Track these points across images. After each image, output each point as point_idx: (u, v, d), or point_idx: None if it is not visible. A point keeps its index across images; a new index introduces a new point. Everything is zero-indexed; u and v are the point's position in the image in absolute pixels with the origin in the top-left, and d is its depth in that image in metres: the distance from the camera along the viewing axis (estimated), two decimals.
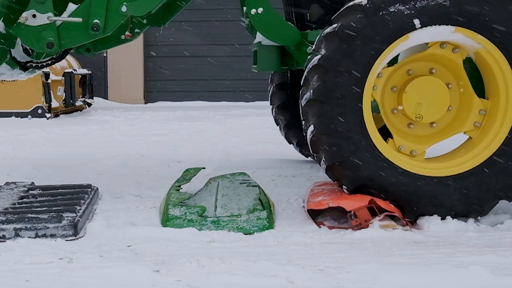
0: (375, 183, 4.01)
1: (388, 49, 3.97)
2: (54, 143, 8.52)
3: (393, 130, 4.28)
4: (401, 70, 4.25)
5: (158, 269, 3.20)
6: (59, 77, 12.47)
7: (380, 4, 3.94)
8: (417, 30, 3.95)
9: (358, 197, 4.03)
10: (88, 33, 4.51)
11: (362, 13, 3.94)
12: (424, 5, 3.93)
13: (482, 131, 4.20)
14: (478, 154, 4.12)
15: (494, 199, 4.08)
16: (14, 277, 3.13)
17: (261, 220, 4.00)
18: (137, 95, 16.71)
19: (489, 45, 4.01)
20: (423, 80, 4.17)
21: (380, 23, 3.93)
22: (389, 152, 4.09)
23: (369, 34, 3.93)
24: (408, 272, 3.12)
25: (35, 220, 3.86)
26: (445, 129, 4.30)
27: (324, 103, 3.97)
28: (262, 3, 4.90)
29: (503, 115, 4.11)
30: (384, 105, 4.28)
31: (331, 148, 4.00)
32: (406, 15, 3.93)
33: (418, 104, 4.15)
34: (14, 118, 11.70)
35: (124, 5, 4.46)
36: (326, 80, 3.96)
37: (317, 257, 3.42)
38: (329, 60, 3.96)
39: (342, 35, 3.95)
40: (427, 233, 3.90)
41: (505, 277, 3.05)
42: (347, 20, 3.97)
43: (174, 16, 5.28)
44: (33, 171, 6.06)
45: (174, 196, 4.51)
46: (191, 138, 8.96)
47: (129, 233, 3.88)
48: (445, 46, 4.16)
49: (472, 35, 3.99)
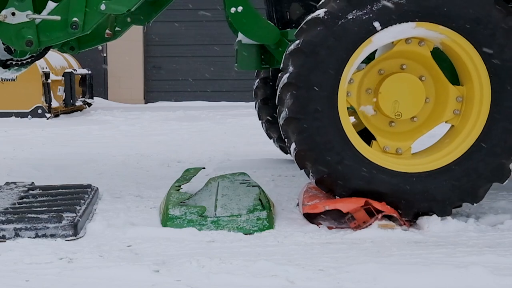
0: (367, 188, 4.02)
1: (353, 56, 4.00)
2: (54, 143, 8.52)
3: (375, 131, 4.28)
4: (373, 71, 4.26)
5: (158, 269, 3.20)
6: (59, 77, 12.47)
7: (338, 14, 3.97)
8: (379, 32, 3.98)
9: (354, 199, 4.03)
10: (67, 31, 4.52)
11: (321, 26, 3.97)
12: (381, 7, 3.96)
13: (463, 118, 4.19)
14: (463, 141, 4.12)
15: (487, 183, 4.08)
16: (14, 277, 3.13)
17: (261, 220, 4.00)
18: (137, 95, 16.71)
19: (452, 34, 4.03)
20: (395, 77, 4.18)
21: (341, 32, 3.96)
22: (374, 155, 4.11)
23: (332, 45, 3.96)
24: (408, 272, 3.12)
25: (35, 220, 3.86)
26: (427, 122, 4.30)
27: (301, 120, 4.00)
28: (242, 2, 4.91)
29: (479, 99, 4.10)
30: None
31: (316, 162, 4.02)
32: (365, 19, 3.96)
33: (395, 102, 4.16)
34: (14, 118, 11.69)
35: (103, 3, 4.46)
36: (299, 96, 3.99)
37: (317, 257, 3.42)
38: (298, 77, 3.99)
39: (306, 50, 3.98)
40: (427, 233, 3.90)
41: (505, 277, 3.05)
42: (309, 35, 4.00)
43: (158, 14, 5.29)
44: (33, 171, 6.06)
45: (174, 196, 4.51)
46: (191, 138, 8.96)
47: (129, 233, 3.88)
48: (410, 41, 4.17)
49: (434, 27, 4.01)
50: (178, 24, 16.37)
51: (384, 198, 4.03)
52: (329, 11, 3.98)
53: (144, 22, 5.28)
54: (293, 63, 4.02)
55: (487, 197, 4.82)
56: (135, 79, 16.71)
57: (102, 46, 5.34)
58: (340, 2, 3.99)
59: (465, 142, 4.12)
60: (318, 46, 3.96)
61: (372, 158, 4.08)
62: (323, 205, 4.05)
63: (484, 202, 4.66)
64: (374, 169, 4.04)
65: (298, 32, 4.07)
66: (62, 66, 13.01)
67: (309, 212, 4.07)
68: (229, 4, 4.93)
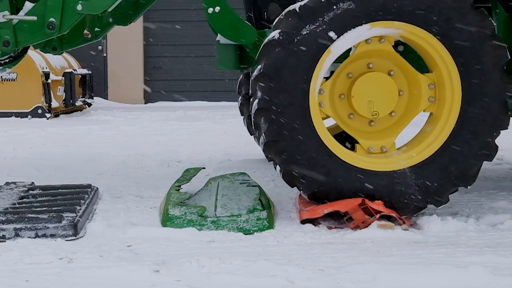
0: (360, 193, 4.04)
1: (316, 69, 4.03)
2: (54, 143, 8.52)
3: (357, 134, 4.29)
4: (341, 76, 4.27)
5: (158, 269, 3.20)
6: (59, 77, 12.47)
7: (292, 32, 4.00)
8: (336, 41, 4.02)
9: (351, 199, 4.04)
10: (44, 32, 4.52)
11: (279, 47, 4.00)
12: (332, 16, 3.98)
13: (439, 104, 4.19)
14: (444, 127, 4.12)
15: (476, 164, 4.08)
16: (14, 277, 3.12)
17: (261, 220, 4.00)
18: (137, 95, 16.71)
19: (408, 27, 4.04)
20: (365, 78, 4.19)
21: (299, 49, 3.99)
22: (359, 160, 4.12)
23: (293, 64, 4.00)
24: (408, 272, 3.12)
25: (35, 220, 3.86)
26: (405, 114, 4.29)
27: (280, 141, 4.03)
28: (219, 2, 4.91)
29: (450, 83, 4.10)
30: (339, 114, 4.29)
31: (305, 180, 4.08)
32: (320, 32, 3.99)
33: (369, 102, 4.17)
34: (14, 118, 11.69)
35: (80, 3, 4.47)
36: (273, 120, 4.02)
37: (317, 257, 3.42)
38: (267, 101, 4.02)
39: (270, 74, 4.01)
40: (427, 233, 3.89)
41: (505, 277, 3.05)
42: (269, 58, 4.03)
43: (140, 14, 5.30)
44: (33, 171, 6.05)
45: (174, 196, 4.51)
46: (191, 138, 8.95)
47: (129, 233, 3.88)
48: (370, 41, 4.18)
49: (388, 24, 4.03)
50: (178, 24, 16.37)
51: (381, 200, 4.05)
52: (283, 31, 4.02)
53: (126, 22, 5.30)
54: (260, 88, 4.06)
55: (487, 197, 4.83)
56: (135, 79, 16.71)
57: (102, 46, 5.36)
58: (292, 20, 4.02)
59: (446, 127, 4.12)
60: (280, 67, 4.00)
61: (358, 163, 4.10)
62: (321, 209, 4.05)
63: (484, 202, 4.67)
64: (361, 173, 4.07)
65: (259, 57, 4.11)
66: (62, 66, 13.01)
67: (309, 217, 4.07)
68: (206, 4, 4.94)
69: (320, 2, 3.99)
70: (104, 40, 16.38)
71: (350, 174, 4.05)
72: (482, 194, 4.97)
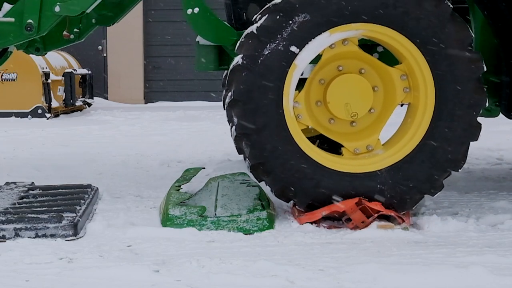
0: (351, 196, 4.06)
1: (286, 86, 4.05)
2: (54, 143, 8.51)
3: (341, 138, 4.30)
4: (314, 83, 4.27)
5: (158, 269, 3.20)
6: (59, 77, 12.46)
7: (254, 54, 4.01)
8: (299, 55, 4.04)
9: (347, 200, 4.05)
10: (22, 33, 4.53)
11: (245, 71, 4.02)
12: (290, 31, 4.00)
13: (415, 92, 4.19)
14: (423, 115, 4.12)
15: (462, 145, 4.09)
16: (14, 277, 3.13)
17: (261, 220, 4.00)
18: (137, 95, 16.70)
19: (365, 26, 4.05)
20: (337, 82, 4.19)
21: (265, 70, 4.01)
22: (345, 165, 4.14)
23: (262, 85, 4.01)
24: (408, 272, 3.12)
25: (35, 220, 3.86)
26: (384, 109, 4.29)
27: (266, 163, 4.05)
28: (198, 3, 4.91)
29: (420, 71, 4.10)
30: (319, 121, 4.29)
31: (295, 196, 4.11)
32: (281, 49, 4.00)
33: (346, 104, 4.17)
34: (14, 118, 11.68)
35: (58, 5, 4.48)
36: (253, 143, 4.04)
37: (317, 257, 3.43)
38: (244, 127, 4.05)
39: (242, 99, 4.03)
40: (427, 233, 3.89)
41: (505, 277, 3.05)
42: (238, 83, 4.05)
43: (123, 15, 5.30)
44: (33, 171, 6.05)
45: (174, 196, 4.51)
46: (191, 138, 8.95)
47: (129, 233, 3.88)
48: (334, 45, 4.19)
49: (346, 27, 4.04)
50: (178, 24, 16.36)
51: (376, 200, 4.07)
52: (245, 55, 4.04)
53: (109, 23, 5.30)
54: (235, 114, 4.09)
55: (487, 197, 4.83)
56: (135, 79, 16.70)
57: (102, 46, 5.38)
58: (252, 42, 4.03)
59: (425, 115, 4.11)
60: (250, 91, 4.02)
61: (344, 168, 4.12)
62: (319, 212, 4.06)
63: (484, 202, 4.67)
64: (349, 177, 4.08)
65: (228, 84, 4.13)
66: (62, 66, 13.00)
67: (308, 221, 4.07)
68: (185, 6, 4.94)
69: (275, 20, 4.00)
70: (104, 40, 16.39)
71: (340, 180, 4.08)
72: (482, 194, 4.97)
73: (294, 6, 3.99)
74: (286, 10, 4.00)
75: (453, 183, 5.41)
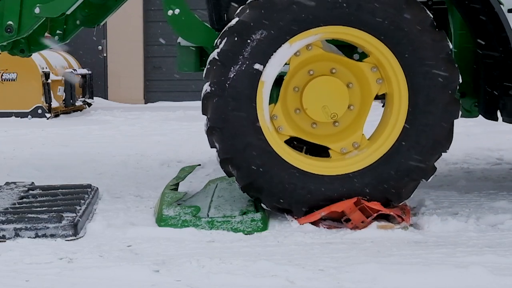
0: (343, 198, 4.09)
1: (258, 105, 4.07)
2: (54, 143, 8.51)
3: (326, 140, 4.30)
4: (289, 91, 4.27)
5: (158, 269, 3.21)
6: (59, 77, 12.47)
7: (221, 79, 4.03)
8: (264, 71, 4.05)
9: (345, 200, 4.05)
10: (2, 35, 4.55)
11: (215, 97, 4.05)
12: (251, 50, 4.02)
13: (388, 82, 4.18)
14: (400, 103, 4.12)
15: (444, 127, 4.08)
16: (14, 277, 3.13)
17: (255, 221, 4.01)
18: (137, 95, 16.70)
19: (324, 29, 4.05)
20: (310, 87, 4.20)
21: (234, 92, 4.03)
22: (332, 169, 4.15)
23: (234, 108, 4.04)
24: (408, 272, 3.12)
25: (35, 220, 3.86)
26: (362, 104, 4.29)
27: (250, 176, 4.08)
28: (179, 4, 4.91)
29: (387, 61, 4.10)
30: (302, 127, 4.29)
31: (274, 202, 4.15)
32: (246, 69, 4.02)
33: (324, 107, 4.18)
34: (14, 118, 11.68)
35: (38, 6, 4.49)
36: (240, 168, 4.07)
37: (317, 257, 3.43)
38: (225, 152, 4.09)
39: (217, 126, 4.07)
40: (427, 233, 3.89)
41: (505, 277, 3.05)
42: (211, 110, 4.08)
43: (108, 17, 5.29)
44: (33, 171, 6.05)
45: (168, 195, 4.51)
46: (191, 138, 8.94)
47: (129, 233, 3.88)
48: (298, 53, 4.19)
49: (304, 35, 4.05)
50: None
51: (375, 196, 4.08)
52: (212, 81, 4.06)
53: (93, 24, 5.30)
54: (215, 140, 4.12)
55: (487, 197, 4.83)
56: (135, 79, 16.70)
57: (102, 46, 5.39)
58: (217, 68, 4.05)
59: (402, 101, 4.11)
60: (224, 116, 4.05)
61: (333, 171, 4.13)
62: (318, 212, 4.07)
63: (484, 202, 4.67)
64: (339, 179, 4.09)
65: (203, 111, 4.16)
66: (62, 66, 13.00)
67: (307, 222, 4.07)
68: (166, 7, 4.93)
69: (234, 42, 4.02)
70: (104, 40, 16.39)
71: (331, 183, 4.09)
72: (482, 194, 4.97)
73: (249, 25, 4.01)
74: (242, 31, 4.02)
75: (453, 183, 5.42)
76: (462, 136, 8.12)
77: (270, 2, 4.01)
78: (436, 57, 4.04)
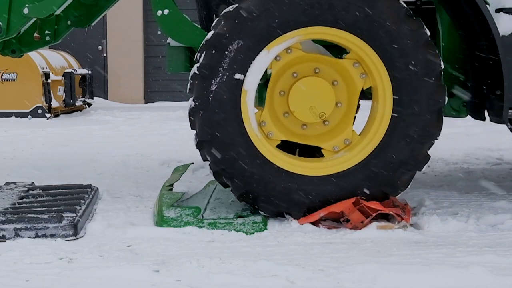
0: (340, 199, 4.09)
1: (244, 115, 4.07)
2: (54, 143, 8.52)
3: (318, 140, 4.29)
4: (275, 95, 4.26)
5: (158, 269, 3.21)
6: (59, 77, 12.47)
7: (203, 93, 4.04)
8: (245, 80, 4.06)
9: (344, 200, 4.06)
10: None
11: (200, 110, 4.06)
12: (229, 61, 4.02)
13: (371, 76, 4.18)
14: (384, 94, 4.12)
15: (432, 114, 4.08)
16: (14, 277, 3.13)
17: (257, 223, 4.01)
18: (137, 95, 16.71)
19: (300, 32, 4.04)
20: (295, 89, 4.20)
21: (218, 105, 4.04)
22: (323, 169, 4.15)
23: (220, 119, 4.05)
24: (408, 272, 3.12)
25: (35, 220, 3.86)
26: (349, 100, 4.28)
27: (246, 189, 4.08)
28: (168, 5, 4.91)
29: (367, 56, 4.10)
30: (293, 130, 4.29)
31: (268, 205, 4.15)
32: (227, 79, 4.03)
33: (311, 108, 4.18)
34: (14, 118, 11.69)
35: (26, 7, 4.49)
36: (233, 177, 4.08)
37: (317, 257, 3.43)
38: (217, 163, 4.10)
39: (206, 139, 4.07)
40: (427, 233, 3.89)
41: (505, 277, 3.05)
42: (197, 124, 4.09)
43: (99, 17, 5.29)
44: (33, 171, 6.05)
45: (166, 196, 4.51)
46: (191, 138, 8.90)
47: (129, 233, 3.88)
48: (279, 58, 4.19)
49: (282, 39, 4.05)
50: None
51: (375, 193, 4.08)
52: (195, 96, 4.07)
53: (84, 25, 5.29)
54: (206, 153, 4.12)
55: (487, 197, 4.83)
56: (135, 79, 16.71)
57: (102, 46, 5.38)
58: (198, 83, 4.06)
59: (387, 93, 4.11)
60: (211, 128, 4.05)
61: (327, 171, 4.13)
62: (318, 213, 4.07)
63: (484, 202, 4.67)
64: (333, 178, 4.09)
65: (191, 126, 4.16)
66: (62, 66, 13.01)
67: (307, 222, 4.07)
68: (155, 7, 4.93)
69: (212, 55, 4.03)
70: (104, 40, 16.39)
71: (326, 184, 4.10)
72: (482, 194, 4.97)
73: (225, 37, 4.02)
74: (219, 43, 4.03)
75: (453, 183, 5.42)
76: (462, 136, 8.14)
77: (243, 11, 4.02)
78: (414, 46, 4.04)
